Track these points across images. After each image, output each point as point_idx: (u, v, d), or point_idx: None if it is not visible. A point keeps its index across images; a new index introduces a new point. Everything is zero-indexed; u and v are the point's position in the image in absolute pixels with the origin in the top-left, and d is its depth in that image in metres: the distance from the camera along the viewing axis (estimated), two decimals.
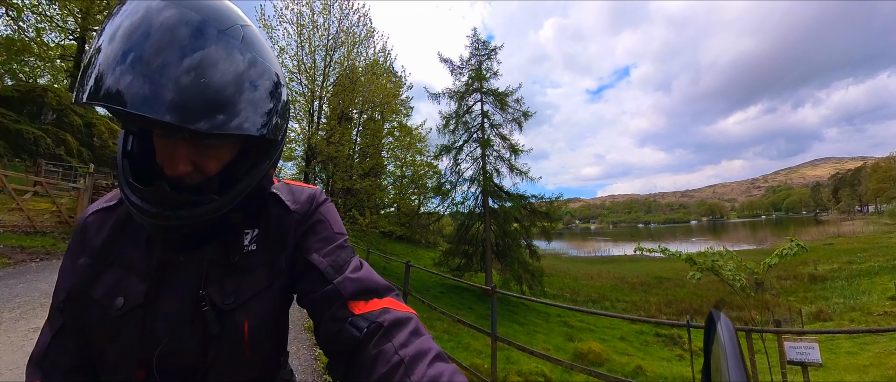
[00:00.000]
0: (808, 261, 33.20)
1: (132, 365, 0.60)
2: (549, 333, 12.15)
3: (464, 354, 7.21)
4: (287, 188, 0.76)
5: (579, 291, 24.67)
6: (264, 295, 0.66)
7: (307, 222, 0.73)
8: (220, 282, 0.63)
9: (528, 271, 16.99)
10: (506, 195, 18.19)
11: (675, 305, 20.37)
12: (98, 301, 0.61)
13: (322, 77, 16.98)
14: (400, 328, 0.56)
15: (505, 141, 18.55)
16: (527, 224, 18.32)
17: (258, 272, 0.67)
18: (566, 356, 9.06)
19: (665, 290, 24.17)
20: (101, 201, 0.72)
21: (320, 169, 17.38)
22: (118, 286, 0.62)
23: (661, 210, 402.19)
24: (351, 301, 0.62)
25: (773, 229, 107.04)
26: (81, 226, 0.69)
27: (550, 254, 52.12)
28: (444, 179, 19.47)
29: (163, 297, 0.62)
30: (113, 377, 0.62)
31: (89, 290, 0.63)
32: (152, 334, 0.60)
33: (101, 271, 0.64)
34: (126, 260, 0.64)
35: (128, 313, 0.60)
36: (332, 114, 17.36)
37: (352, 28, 17.42)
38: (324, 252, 0.69)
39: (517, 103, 18.65)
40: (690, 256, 8.17)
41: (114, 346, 0.60)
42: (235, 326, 0.62)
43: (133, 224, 0.67)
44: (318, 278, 0.66)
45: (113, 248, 0.66)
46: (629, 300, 22.36)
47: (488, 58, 19.15)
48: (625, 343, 12.55)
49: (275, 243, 0.69)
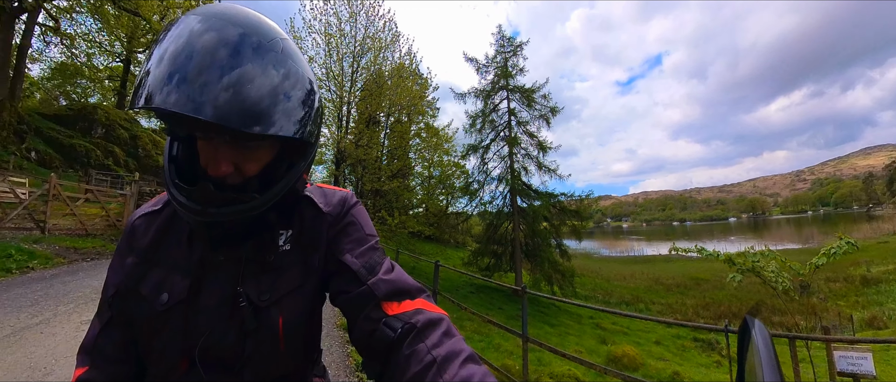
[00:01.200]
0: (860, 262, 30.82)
1: (176, 356, 0.64)
2: (580, 335, 11.92)
3: (495, 355, 7.19)
4: (320, 191, 0.80)
5: (612, 292, 24.00)
6: (297, 293, 0.69)
7: (339, 223, 0.76)
8: (256, 279, 0.67)
9: (559, 271, 16.72)
10: (534, 194, 17.95)
11: (713, 308, 19.40)
12: (145, 297, 0.66)
13: (350, 83, 17.33)
14: (433, 329, 0.58)
15: (532, 138, 18.31)
16: (556, 223, 18.01)
17: (292, 271, 0.70)
18: (599, 359, 8.83)
19: (702, 292, 23.14)
20: (147, 205, 0.77)
21: (350, 172, 17.73)
22: (163, 283, 0.66)
23: (698, 207, 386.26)
24: (385, 302, 0.64)
25: (820, 227, 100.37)
26: (129, 228, 0.75)
27: (581, 254, 51.03)
28: (471, 178, 19.45)
29: (203, 293, 0.66)
30: (159, 367, 0.66)
31: (137, 287, 0.67)
32: (194, 327, 0.64)
33: (147, 269, 0.69)
34: (170, 260, 0.69)
35: (172, 308, 0.64)
36: (360, 118, 17.70)
37: (377, 34, 17.69)
38: (356, 253, 0.71)
39: (544, 99, 18.37)
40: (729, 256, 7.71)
41: (159, 338, 0.64)
42: (270, 321, 0.65)
43: (177, 226, 0.72)
44: (352, 278, 0.68)
45: (158, 248, 0.71)
46: (664, 302, 21.53)
47: (514, 54, 18.95)
48: (661, 347, 12.12)
49: (308, 243, 0.73)
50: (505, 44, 19.16)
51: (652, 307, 20.41)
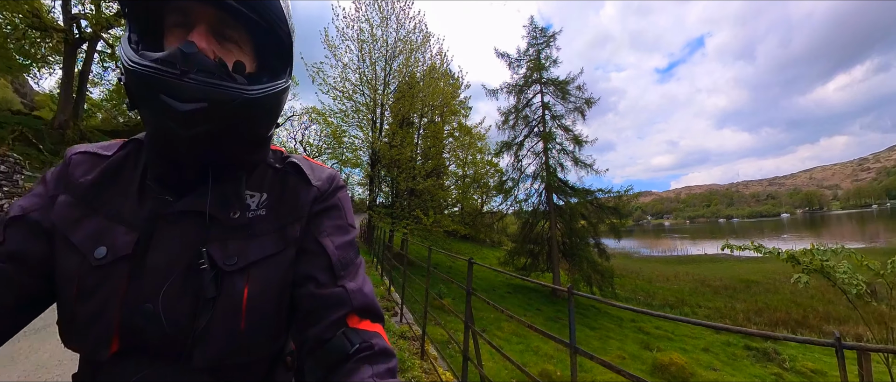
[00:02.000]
0: None
1: (107, 330, 0.53)
2: (622, 339, 11.47)
3: (533, 358, 7.05)
4: (307, 163, 0.74)
5: (654, 294, 22.86)
6: (270, 262, 0.61)
7: (325, 201, 0.71)
8: (222, 242, 0.59)
9: (598, 271, 16.25)
10: (571, 191, 17.58)
11: (766, 314, 17.95)
12: (76, 247, 0.55)
13: (383, 86, 17.57)
14: (383, 360, 0.57)
15: (567, 132, 17.94)
16: (594, 221, 17.54)
17: (265, 238, 0.62)
18: (644, 367, 8.45)
19: (754, 295, 21.65)
20: (91, 145, 0.67)
21: (385, 173, 17.99)
22: (102, 234, 0.56)
23: (746, 202, 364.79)
24: (352, 314, 0.61)
25: (888, 222, 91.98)
26: (66, 161, 0.64)
27: (621, 253, 49.21)
28: (505, 176, 19.26)
29: (152, 251, 0.56)
30: (82, 343, 0.55)
31: (67, 233, 0.57)
32: (136, 292, 0.54)
33: (83, 214, 0.58)
34: (113, 210, 0.59)
35: (110, 264, 0.54)
36: (394, 120, 17.92)
37: (408, 36, 17.80)
38: (337, 242, 0.67)
39: (579, 91, 17.96)
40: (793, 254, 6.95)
41: (88, 303, 0.53)
42: (234, 290, 0.57)
43: (126, 174, 0.63)
44: (325, 266, 0.63)
45: (100, 194, 0.60)
46: (712, 305, 20.26)
47: (547, 45, 18.62)
48: (709, 355, 11.40)
49: (287, 212, 0.66)
50: (537, 35, 18.88)
51: (698, 311, 19.30)
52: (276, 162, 0.71)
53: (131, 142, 0.67)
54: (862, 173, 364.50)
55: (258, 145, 0.65)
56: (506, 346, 7.17)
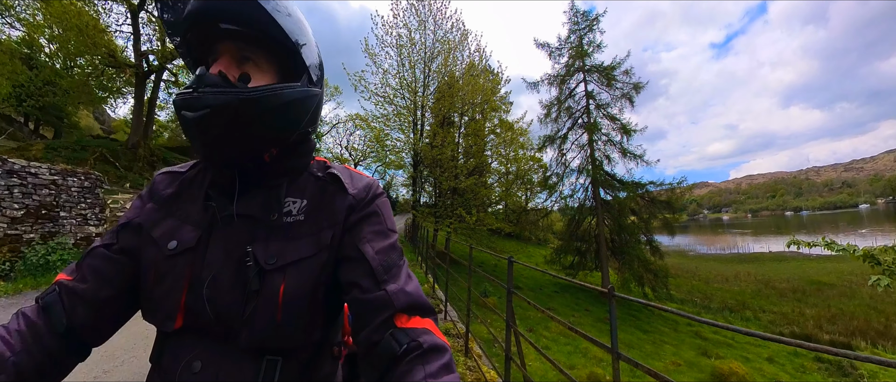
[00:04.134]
0: None
1: (173, 307, 0.64)
2: (678, 344, 10.90)
3: (582, 360, 6.87)
4: (347, 172, 0.80)
5: (712, 296, 21.16)
6: (305, 264, 0.67)
7: (363, 209, 0.75)
8: (265, 243, 0.67)
9: (650, 270, 15.52)
10: (619, 184, 16.88)
11: (841, 321, 15.81)
12: (155, 241, 0.69)
13: (422, 88, 17.78)
14: (435, 357, 0.58)
15: (614, 122, 17.24)
16: (645, 217, 16.74)
17: (303, 241, 0.69)
18: (701, 375, 7.96)
19: (826, 300, 19.45)
20: (172, 166, 0.83)
21: (428, 173, 18.22)
22: (174, 231, 0.70)
23: (817, 192, 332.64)
24: (398, 313, 0.63)
25: None
26: (154, 181, 0.81)
27: (674, 251, 46.44)
28: (549, 171, 18.87)
29: (211, 247, 0.67)
30: (155, 317, 0.67)
31: (150, 230, 0.71)
32: (198, 279, 0.65)
33: (163, 216, 0.73)
34: (184, 212, 0.72)
35: (178, 254, 0.66)
36: (434, 120, 18.06)
37: (446, 36, 17.86)
38: (377, 247, 0.70)
39: (626, 76, 17.19)
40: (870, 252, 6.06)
41: (161, 285, 0.66)
42: (272, 287, 0.64)
43: (196, 186, 0.76)
44: (367, 272, 0.67)
45: (176, 201, 0.75)
46: (777, 310, 18.42)
47: (589, 30, 17.97)
48: (775, 366, 10.46)
49: (324, 218, 0.72)
50: (578, 20, 18.25)
51: (761, 315, 17.72)
52: (318, 171, 0.79)
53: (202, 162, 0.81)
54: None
55: (286, 148, 0.74)
56: (553, 346, 7.06)
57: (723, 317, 16.98)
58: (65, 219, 7.82)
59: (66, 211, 7.84)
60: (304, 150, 0.78)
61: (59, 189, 7.74)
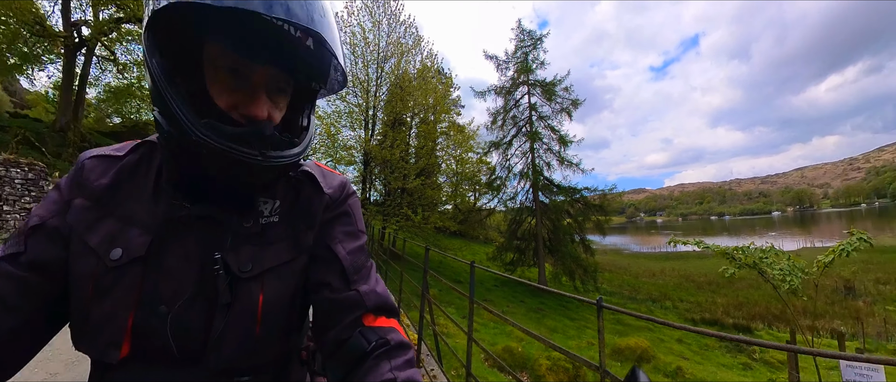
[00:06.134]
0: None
1: (118, 331, 0.52)
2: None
3: (505, 340, 7.58)
4: (319, 170, 0.75)
5: (639, 289, 23.63)
6: (284, 269, 0.63)
7: (336, 208, 0.72)
8: (236, 248, 0.59)
9: (581, 266, 16.90)
10: (557, 189, 18.22)
11: (746, 308, 18.54)
12: (93, 249, 0.55)
13: (375, 87, 18.07)
14: (400, 353, 0.58)
15: (554, 133, 18.54)
16: (580, 219, 18.19)
17: (280, 245, 0.64)
18: (607, 350, 9.21)
19: (736, 290, 22.30)
20: (102, 148, 0.66)
21: (379, 171, 18.47)
22: (117, 236, 0.56)
23: (738, 200, 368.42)
24: (367, 313, 0.62)
25: (875, 221, 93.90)
26: (79, 166, 0.63)
27: (611, 250, 50.32)
28: (494, 175, 19.83)
29: (167, 255, 0.56)
30: (92, 345, 0.54)
31: (83, 235, 0.56)
32: (151, 294, 0.54)
33: (99, 217, 0.58)
34: (127, 212, 0.58)
35: (125, 266, 0.54)
36: (386, 121, 18.41)
37: (399, 39, 18.34)
38: (348, 248, 0.68)
39: (566, 92, 18.57)
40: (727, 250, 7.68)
41: (101, 304, 0.53)
42: (250, 297, 0.58)
43: (138, 176, 0.62)
44: (338, 272, 0.65)
45: (115, 196, 0.60)
46: (693, 300, 21.00)
47: (534, 48, 19.13)
48: (682, 345, 12.07)
49: (301, 220, 0.68)
50: (524, 38, 19.38)
51: (679, 305, 20.04)
52: (290, 170, 0.69)
53: (144, 144, 0.67)
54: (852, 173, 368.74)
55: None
56: (482, 330, 7.77)
57: (646, 307, 19.10)
58: (8, 213, 7.19)
59: (9, 205, 7.22)
60: None
61: (2, 181, 7.11)
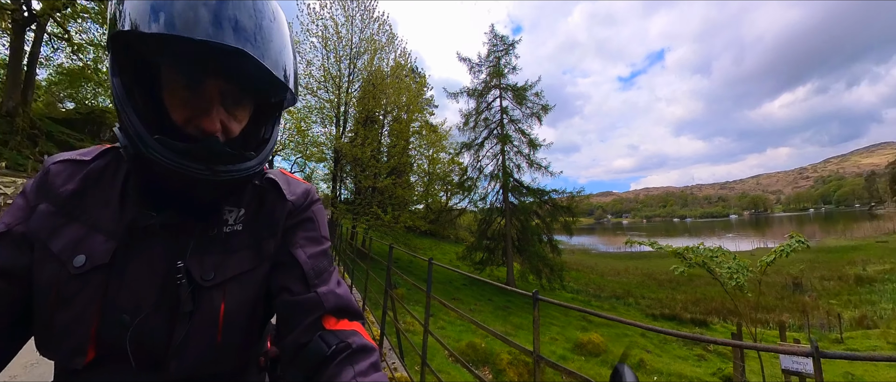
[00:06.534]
0: (857, 260, 31.28)
1: (82, 338, 0.53)
2: (565, 326, 12.47)
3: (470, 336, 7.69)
4: (284, 177, 0.75)
5: (604, 287, 24.54)
6: (246, 278, 0.63)
7: (299, 215, 0.71)
8: (199, 257, 0.59)
9: (548, 265, 17.32)
10: (526, 191, 18.55)
11: (703, 304, 19.84)
12: (56, 255, 0.54)
13: (347, 83, 17.83)
14: (363, 357, 0.56)
15: (524, 136, 18.88)
16: (548, 220, 18.61)
17: (242, 253, 0.64)
18: (567, 344, 9.66)
19: (695, 288, 23.57)
20: (70, 153, 0.65)
21: (350, 169, 18.22)
22: (81, 243, 0.55)
23: (699, 204, 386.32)
24: (327, 316, 0.61)
25: (822, 224, 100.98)
26: (44, 171, 0.62)
27: (579, 249, 51.79)
28: (465, 176, 19.99)
29: (131, 263, 0.56)
30: (58, 352, 0.54)
31: (47, 241, 0.56)
32: (114, 302, 0.54)
33: (63, 223, 0.57)
34: (93, 218, 0.58)
35: (88, 273, 0.54)
36: (357, 117, 18.19)
37: (373, 36, 18.16)
38: (309, 253, 0.67)
39: (537, 97, 18.96)
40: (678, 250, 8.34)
41: (64, 311, 0.53)
42: (211, 306, 0.58)
43: (104, 182, 0.61)
44: (299, 276, 0.64)
45: (80, 202, 0.59)
46: (654, 297, 22.08)
47: (506, 53, 19.45)
48: (645, 339, 12.68)
49: (264, 227, 0.67)
50: (497, 43, 19.63)
51: (641, 301, 20.97)
52: (255, 179, 0.70)
53: (112, 150, 0.66)
54: (801, 181, 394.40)
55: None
56: (449, 327, 7.85)
57: (610, 304, 19.88)
58: None
59: None
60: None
61: None
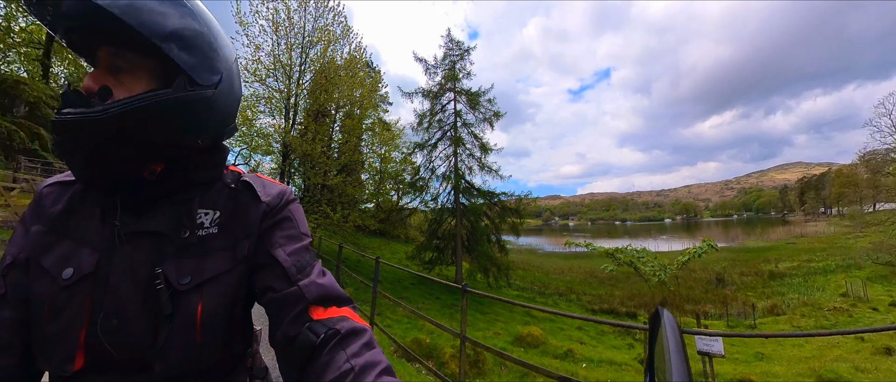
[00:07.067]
0: (770, 259, 35.23)
1: (71, 345, 0.55)
2: (509, 321, 12.90)
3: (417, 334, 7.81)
4: (259, 180, 0.76)
5: (548, 284, 25.59)
6: (222, 279, 0.64)
7: (275, 216, 0.71)
8: (176, 261, 0.61)
9: (495, 264, 17.78)
10: (477, 193, 18.90)
11: (637, 298, 21.38)
12: (47, 271, 0.58)
13: (298, 74, 17.16)
14: (354, 339, 0.56)
15: (477, 140, 19.18)
16: (497, 221, 19.10)
17: (218, 255, 0.65)
18: (508, 338, 10.09)
19: (631, 284, 25.26)
20: (61, 174, 0.69)
21: (299, 165, 17.62)
22: (69, 257, 0.59)
23: (638, 209, 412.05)
24: (312, 306, 0.61)
25: (743, 228, 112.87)
26: (37, 195, 0.67)
27: (527, 249, 53.53)
28: (417, 176, 20.02)
29: (114, 271, 0.59)
30: (49, 360, 0.57)
31: (39, 258, 0.59)
32: (100, 309, 0.57)
33: (54, 240, 0.61)
34: (80, 233, 0.62)
35: (76, 284, 0.57)
36: (308, 110, 17.61)
37: (327, 26, 17.61)
38: (289, 250, 0.68)
39: (489, 103, 19.31)
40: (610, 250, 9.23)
41: (57, 321, 0.56)
42: (189, 308, 0.60)
43: (90, 199, 0.64)
44: (281, 275, 0.65)
45: (69, 220, 0.63)
46: (595, 293, 23.37)
47: (462, 58, 19.63)
48: (581, 331, 13.42)
49: (239, 229, 0.68)
50: (453, 47, 19.80)
51: (582, 297, 22.15)
52: (231, 182, 0.72)
53: None
54: (727, 191, 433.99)
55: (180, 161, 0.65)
56: (395, 325, 7.91)
57: (553, 300, 20.96)
58: None
59: None
60: (215, 160, 0.71)
61: None
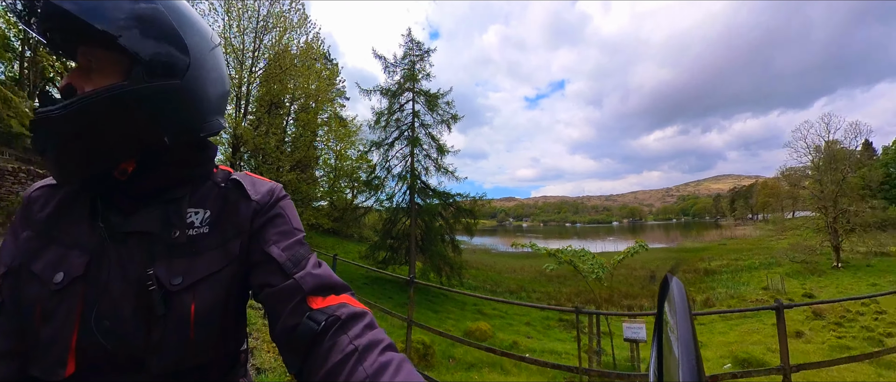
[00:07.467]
0: (705, 257, 38.42)
1: (63, 350, 0.55)
2: (460, 319, 13.21)
3: None
4: (249, 179, 0.75)
5: (500, 282, 26.28)
6: (215, 279, 0.64)
7: (266, 213, 0.71)
8: (168, 262, 0.61)
9: (448, 264, 18.07)
10: (432, 193, 19.05)
11: (583, 295, 22.34)
12: (38, 276, 0.58)
13: (251, 60, 16.46)
14: (355, 322, 0.57)
15: (434, 141, 19.33)
16: (452, 221, 19.37)
17: (209, 254, 0.64)
18: (457, 332, 10.36)
19: (578, 282, 26.40)
20: (48, 179, 0.68)
21: (249, 157, 16.90)
22: (59, 261, 0.58)
23: (588, 212, 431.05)
24: (310, 297, 0.61)
25: (682, 231, 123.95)
26: (26, 201, 0.66)
27: (481, 249, 54.52)
28: (374, 173, 19.83)
29: (104, 273, 0.58)
30: (40, 365, 0.56)
31: (30, 264, 0.59)
32: (91, 311, 0.57)
33: (43, 245, 0.61)
34: (69, 236, 0.61)
35: (66, 287, 0.56)
36: (261, 101, 16.93)
37: (283, 13, 17.01)
38: (282, 246, 0.67)
39: (448, 106, 19.49)
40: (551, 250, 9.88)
41: (49, 325, 0.56)
42: (182, 308, 0.59)
43: (78, 202, 0.64)
44: (276, 270, 0.64)
45: (57, 224, 0.62)
46: (544, 290, 24.30)
47: (422, 59, 19.64)
48: (529, 327, 13.96)
49: (230, 227, 0.68)
50: (413, 47, 19.75)
51: (532, 294, 23.00)
52: (221, 181, 0.72)
53: None
54: (668, 198, 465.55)
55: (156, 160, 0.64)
56: None
57: (504, 297, 21.60)
58: None
59: None
60: (199, 157, 0.71)
61: None
